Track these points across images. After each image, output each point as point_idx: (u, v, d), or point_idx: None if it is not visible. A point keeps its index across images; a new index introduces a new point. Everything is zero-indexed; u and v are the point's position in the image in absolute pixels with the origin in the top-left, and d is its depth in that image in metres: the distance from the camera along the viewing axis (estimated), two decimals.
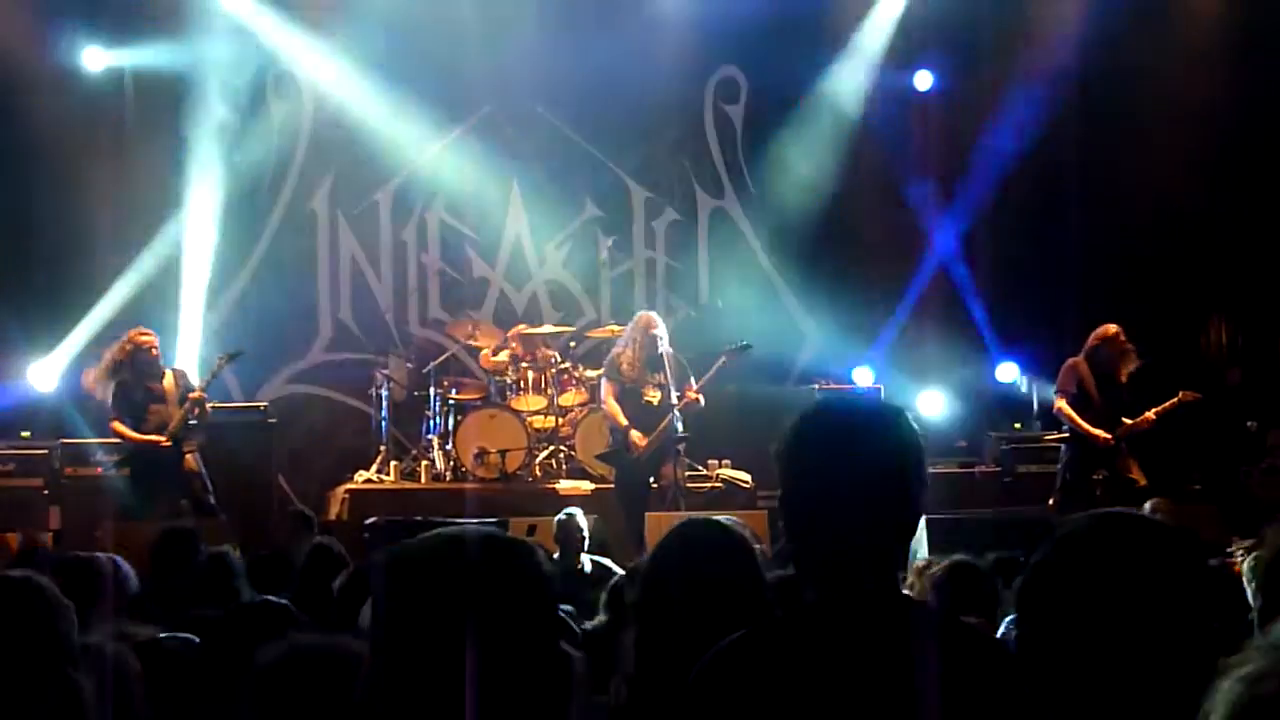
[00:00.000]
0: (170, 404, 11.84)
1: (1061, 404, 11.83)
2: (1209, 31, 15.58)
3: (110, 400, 11.85)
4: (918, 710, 2.38)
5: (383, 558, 2.16)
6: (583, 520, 9.79)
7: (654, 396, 11.83)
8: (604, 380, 12.27)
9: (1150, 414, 11.77)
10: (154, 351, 11.98)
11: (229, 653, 3.50)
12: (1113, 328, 11.81)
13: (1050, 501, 11.89)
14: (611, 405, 12.03)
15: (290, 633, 2.90)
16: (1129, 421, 11.70)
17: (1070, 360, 11.93)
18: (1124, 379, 11.74)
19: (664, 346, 11.82)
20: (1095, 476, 11.88)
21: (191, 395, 11.83)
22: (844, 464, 2.56)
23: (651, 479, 11.93)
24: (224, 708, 2.43)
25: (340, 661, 2.45)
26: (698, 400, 11.84)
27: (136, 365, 11.85)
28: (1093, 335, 11.88)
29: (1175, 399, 11.92)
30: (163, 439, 11.69)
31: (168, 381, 11.96)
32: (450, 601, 2.06)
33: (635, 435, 11.82)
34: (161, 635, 4.55)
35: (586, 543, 9.81)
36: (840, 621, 2.50)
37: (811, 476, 2.59)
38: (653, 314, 12.29)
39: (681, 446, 11.98)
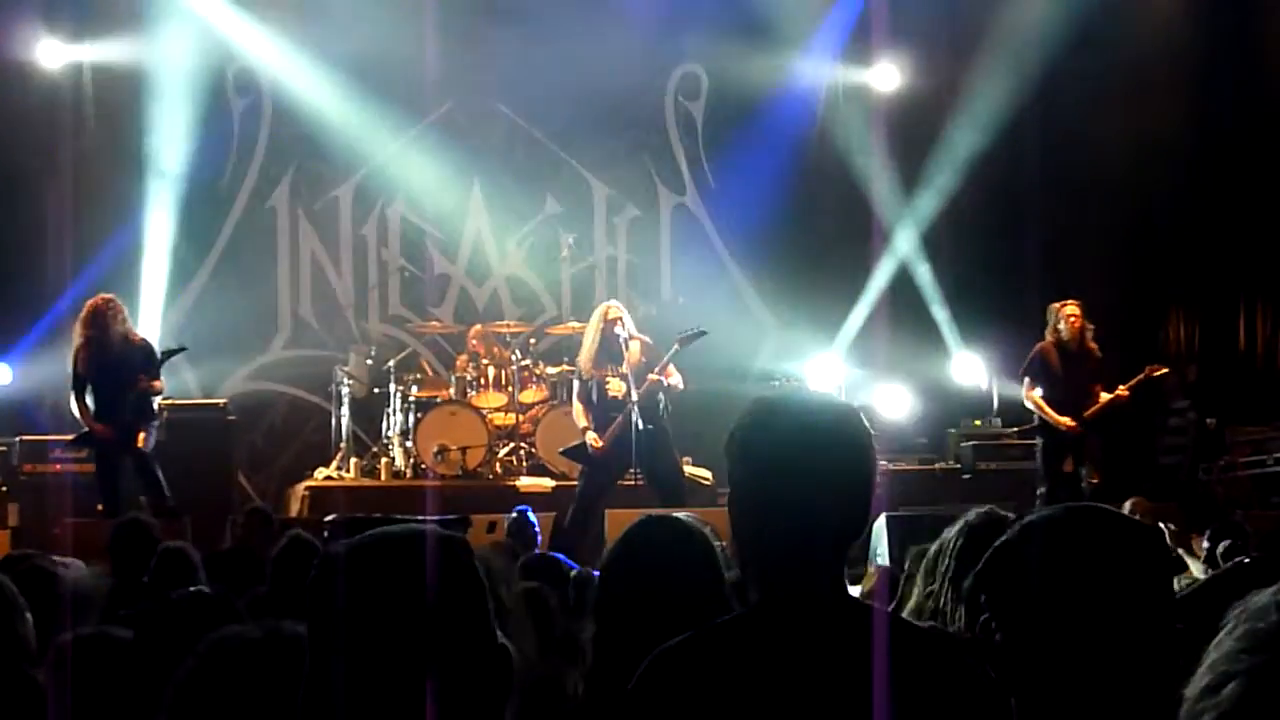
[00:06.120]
0: None
1: (1030, 393, 11.93)
2: (1172, 27, 15.65)
3: None
4: (864, 714, 2.36)
5: (315, 562, 2.17)
6: (533, 517, 9.77)
7: (618, 389, 11.67)
8: (574, 378, 12.23)
9: (1122, 389, 11.88)
10: None
11: (164, 644, 3.46)
12: (1058, 302, 11.98)
13: (1038, 492, 11.91)
14: (575, 404, 11.99)
15: (227, 623, 2.86)
16: (1106, 396, 11.80)
17: (1038, 345, 12.03)
18: (1095, 349, 11.86)
19: (625, 333, 11.70)
20: (1065, 469, 11.95)
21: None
22: (795, 462, 2.49)
23: (620, 477, 11.79)
24: (159, 699, 2.41)
25: (285, 647, 2.43)
26: (659, 383, 11.56)
27: None
28: (1049, 313, 12.03)
29: (1143, 374, 12.06)
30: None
31: None
32: (381, 600, 2.08)
33: (591, 437, 11.74)
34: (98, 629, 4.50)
35: (539, 540, 9.78)
36: (785, 624, 2.46)
37: (761, 474, 2.52)
38: (612, 303, 12.12)
39: (656, 435, 11.58)
